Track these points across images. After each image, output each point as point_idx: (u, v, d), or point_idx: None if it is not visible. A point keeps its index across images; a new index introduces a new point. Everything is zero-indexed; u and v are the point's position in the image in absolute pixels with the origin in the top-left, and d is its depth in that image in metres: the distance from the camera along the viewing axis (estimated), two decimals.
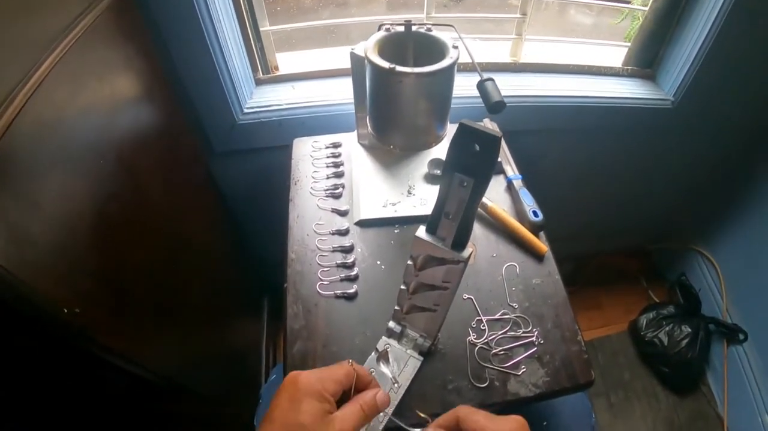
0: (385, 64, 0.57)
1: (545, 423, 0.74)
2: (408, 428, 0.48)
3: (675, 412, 1.33)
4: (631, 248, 1.65)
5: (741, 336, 1.28)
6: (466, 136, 0.41)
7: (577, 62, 1.07)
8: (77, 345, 0.53)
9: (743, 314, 1.31)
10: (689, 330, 1.33)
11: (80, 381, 0.64)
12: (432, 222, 0.48)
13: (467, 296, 0.67)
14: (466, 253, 0.48)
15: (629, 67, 1.08)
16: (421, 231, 0.49)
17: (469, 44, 0.64)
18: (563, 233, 1.31)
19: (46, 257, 0.46)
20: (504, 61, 1.05)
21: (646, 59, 1.07)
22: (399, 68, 0.56)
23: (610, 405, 1.34)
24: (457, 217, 0.46)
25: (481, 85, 0.60)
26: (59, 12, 0.55)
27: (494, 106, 0.59)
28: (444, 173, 0.44)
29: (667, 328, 1.36)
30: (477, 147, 0.41)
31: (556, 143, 1.14)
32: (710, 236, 1.43)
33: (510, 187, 0.80)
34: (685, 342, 1.31)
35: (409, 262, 0.52)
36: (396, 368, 0.59)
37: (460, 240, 0.48)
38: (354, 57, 0.68)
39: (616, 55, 1.13)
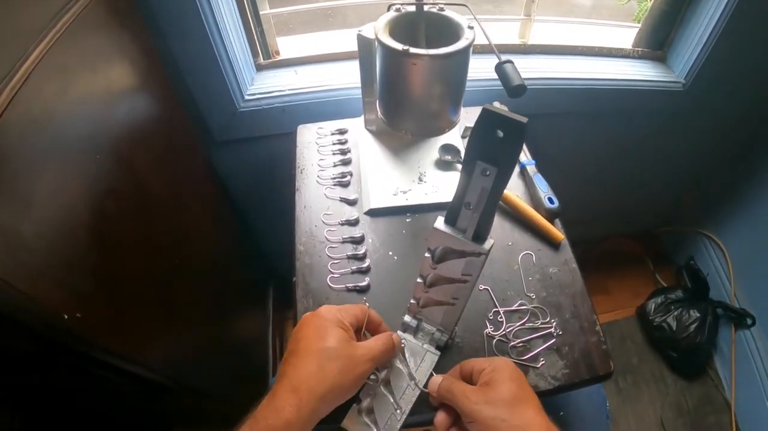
0: (398, 46, 0.54)
1: (561, 413, 0.72)
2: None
3: (683, 396, 1.33)
4: (638, 232, 1.63)
5: (749, 321, 1.27)
6: (489, 122, 0.38)
7: (587, 44, 1.03)
8: (80, 350, 0.51)
9: (751, 299, 1.30)
10: (698, 314, 1.32)
11: (83, 383, 0.62)
12: (451, 213, 0.46)
13: (483, 286, 0.65)
14: (487, 245, 0.46)
15: (639, 49, 1.05)
16: (440, 222, 0.47)
17: (478, 28, 0.61)
18: (571, 218, 1.29)
19: (42, 260, 0.44)
20: (512, 42, 1.02)
21: (657, 41, 1.04)
22: (413, 50, 0.53)
23: (618, 389, 1.33)
24: (478, 207, 0.44)
25: (500, 68, 0.57)
26: (43, 2, 0.51)
27: (515, 90, 0.56)
28: (465, 162, 0.41)
29: (675, 313, 1.35)
30: (500, 134, 0.38)
31: (565, 126, 1.11)
32: (718, 220, 1.42)
33: (523, 173, 0.78)
34: (693, 326, 1.31)
35: (427, 254, 0.50)
36: (413, 363, 0.57)
37: (482, 232, 0.46)
38: (362, 39, 0.64)
39: (623, 36, 1.09)
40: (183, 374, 0.74)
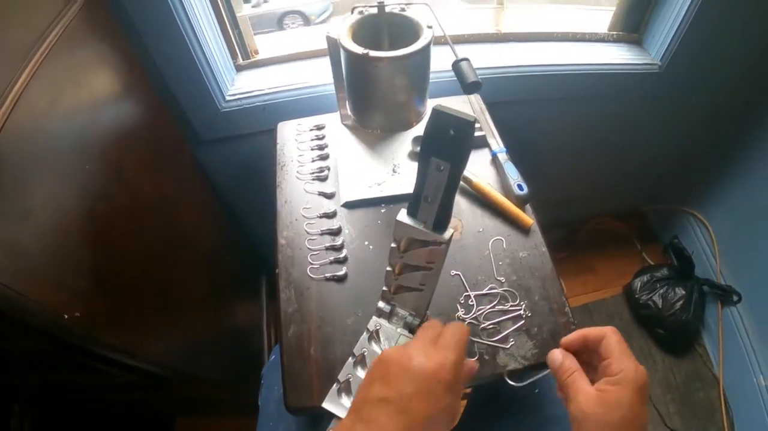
0: (359, 50, 0.56)
1: (537, 390, 0.76)
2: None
3: (671, 373, 1.36)
4: (624, 211, 1.65)
5: (735, 298, 1.30)
6: (439, 121, 0.41)
7: (561, 29, 1.05)
8: (81, 346, 0.54)
9: (736, 276, 1.33)
10: (683, 292, 1.35)
11: (86, 378, 0.66)
12: (412, 206, 0.49)
13: (455, 272, 0.68)
14: (447, 234, 0.48)
15: (615, 33, 1.06)
16: (402, 215, 0.50)
17: (446, 19, 0.63)
18: (555, 200, 1.31)
19: (40, 264, 0.47)
20: (486, 31, 1.03)
21: (632, 23, 1.05)
22: (372, 53, 0.56)
23: None
24: (435, 200, 0.46)
25: (456, 66, 0.59)
26: (30, 22, 0.54)
27: (470, 87, 0.58)
28: (421, 158, 0.44)
29: (661, 290, 1.38)
30: (451, 132, 0.41)
31: (543, 112, 1.13)
32: (703, 199, 1.44)
33: (495, 161, 0.80)
34: (679, 304, 1.33)
35: (393, 244, 0.53)
36: (387, 346, 0.61)
37: (441, 222, 0.48)
38: (330, 40, 0.67)
39: (599, 20, 1.10)
40: (181, 364, 0.78)
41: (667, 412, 1.31)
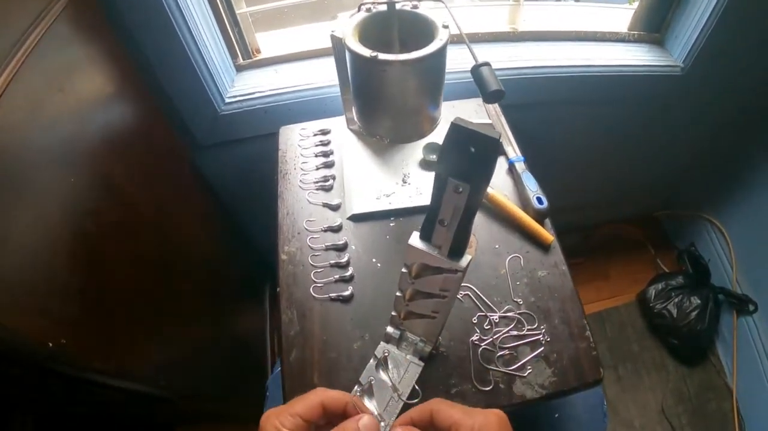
0: (366, 52, 0.51)
1: (557, 415, 0.72)
2: None
3: (684, 383, 1.32)
4: (638, 217, 1.60)
5: (751, 307, 1.25)
6: (459, 137, 0.36)
7: (580, 28, 0.99)
8: (68, 374, 0.50)
9: (753, 285, 1.28)
10: (699, 301, 1.30)
11: (77, 398, 0.62)
12: (426, 229, 0.44)
13: (468, 292, 0.63)
14: (464, 262, 0.44)
15: (635, 32, 1.01)
16: (415, 239, 0.45)
17: (462, 17, 0.58)
18: (570, 204, 1.27)
19: (22, 291, 0.43)
20: (501, 30, 0.98)
21: (654, 23, 1.00)
22: (382, 56, 0.50)
23: (618, 377, 1.33)
24: (452, 225, 0.42)
25: (476, 72, 0.54)
26: (7, 22, 0.49)
27: (491, 96, 0.53)
28: (437, 177, 0.39)
29: (676, 299, 1.33)
30: (473, 149, 0.36)
31: (560, 115, 1.07)
32: (720, 205, 1.39)
33: (512, 170, 0.76)
34: (694, 314, 1.29)
35: (404, 269, 0.48)
36: (396, 375, 0.56)
37: (458, 248, 0.44)
38: (335, 39, 0.61)
39: (618, 18, 1.05)
40: (179, 382, 0.74)
41: (679, 424, 1.27)
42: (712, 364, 1.35)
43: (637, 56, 0.99)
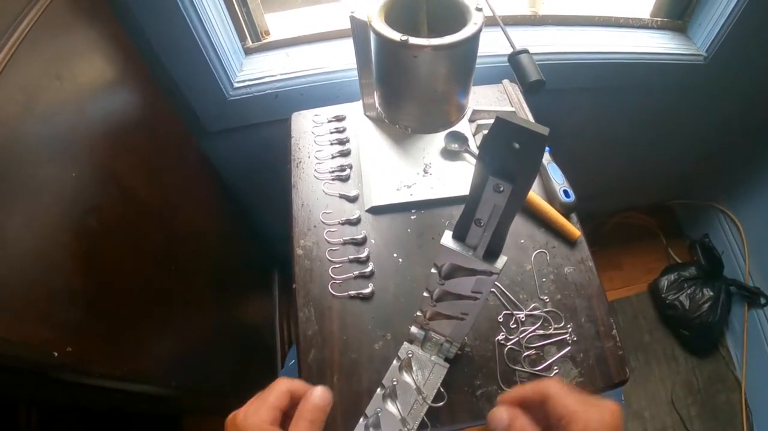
0: (396, 36, 0.47)
1: None
2: None
3: (694, 375, 1.31)
4: (651, 205, 1.58)
5: (762, 300, 1.24)
6: (503, 132, 0.33)
7: (602, 13, 0.95)
8: (74, 382, 0.48)
9: (765, 277, 1.26)
10: (711, 293, 1.28)
11: (83, 400, 0.60)
12: (460, 227, 0.41)
13: (493, 289, 0.61)
14: (500, 264, 0.41)
15: (658, 19, 0.96)
16: (447, 238, 0.42)
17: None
18: (584, 194, 1.23)
19: (22, 298, 0.40)
20: (521, 13, 0.93)
21: (677, 10, 0.95)
22: (413, 40, 0.47)
23: (629, 368, 1.32)
24: (490, 225, 0.39)
25: (514, 60, 0.50)
26: None
27: (532, 86, 0.50)
28: (475, 176, 0.37)
29: (688, 290, 1.32)
30: (516, 146, 0.33)
31: (578, 102, 1.04)
32: (735, 196, 1.36)
33: None
34: (706, 305, 1.27)
35: (433, 270, 0.46)
36: (420, 377, 0.54)
37: (494, 250, 0.41)
38: (355, 21, 0.58)
39: (640, 3, 1.00)
40: (188, 378, 0.72)
41: (688, 415, 1.27)
42: (722, 356, 1.34)
43: (659, 44, 0.95)
